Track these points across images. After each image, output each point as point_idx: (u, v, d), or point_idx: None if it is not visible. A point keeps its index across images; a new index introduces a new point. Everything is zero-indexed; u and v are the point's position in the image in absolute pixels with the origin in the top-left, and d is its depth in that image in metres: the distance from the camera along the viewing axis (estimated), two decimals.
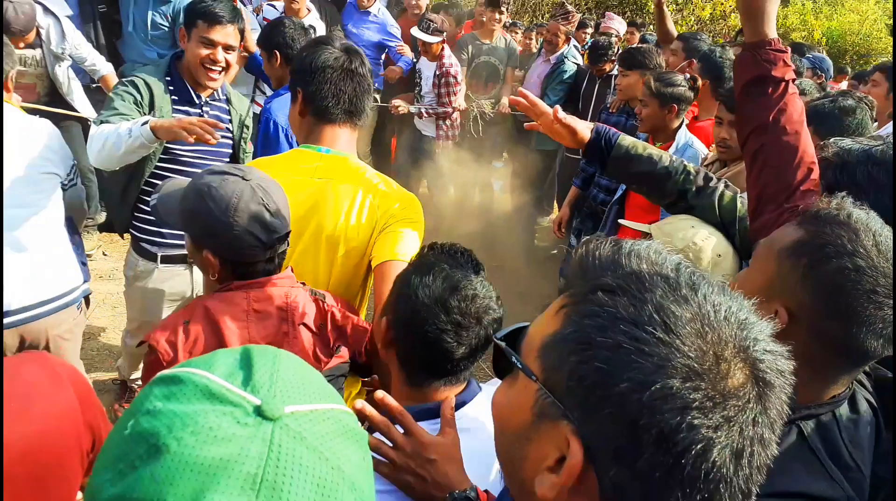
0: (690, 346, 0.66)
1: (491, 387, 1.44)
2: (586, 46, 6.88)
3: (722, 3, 11.44)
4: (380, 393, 1.26)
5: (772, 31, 1.60)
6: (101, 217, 5.16)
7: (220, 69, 2.80)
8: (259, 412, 0.64)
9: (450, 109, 5.54)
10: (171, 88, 2.85)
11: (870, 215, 1.17)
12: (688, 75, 3.78)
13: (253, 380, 0.67)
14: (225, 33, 2.75)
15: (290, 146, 3.01)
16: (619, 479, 0.67)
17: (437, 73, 5.48)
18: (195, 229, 1.67)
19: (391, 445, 1.22)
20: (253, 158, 3.05)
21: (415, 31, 5.45)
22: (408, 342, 1.36)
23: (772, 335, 0.71)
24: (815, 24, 12.70)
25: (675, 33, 4.99)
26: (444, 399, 1.35)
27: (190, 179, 1.73)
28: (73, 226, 2.88)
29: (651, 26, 10.79)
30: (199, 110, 2.90)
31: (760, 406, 0.67)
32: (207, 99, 2.94)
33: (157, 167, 2.87)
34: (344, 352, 1.73)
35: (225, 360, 0.70)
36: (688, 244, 1.85)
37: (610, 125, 4.62)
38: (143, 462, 0.62)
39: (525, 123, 2.08)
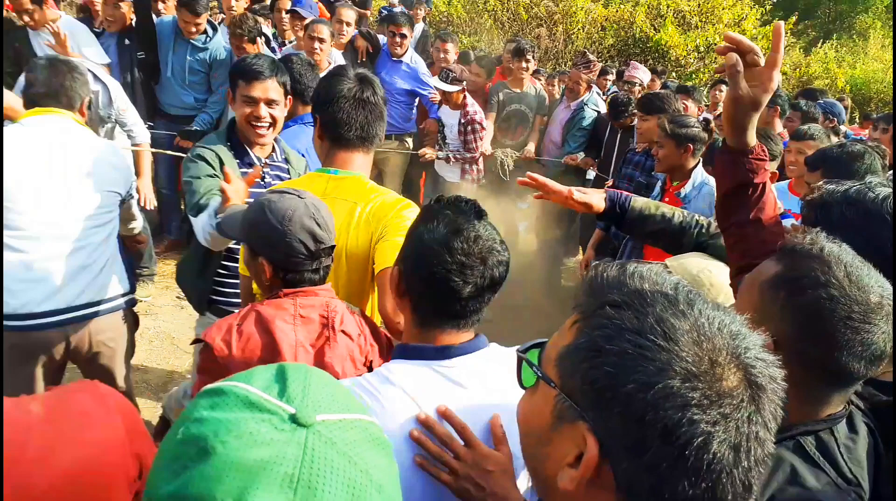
0: (688, 352, 0.74)
1: (503, 349, 1.51)
2: (609, 92, 7.01)
3: None
4: (442, 406, 1.35)
5: (753, 140, 1.65)
6: (155, 268, 5.32)
7: (267, 125, 2.72)
8: (294, 419, 0.73)
9: (476, 154, 5.64)
10: (232, 151, 2.78)
11: (842, 248, 1.26)
12: (701, 117, 3.88)
13: (288, 392, 0.76)
14: (264, 88, 2.68)
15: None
16: (631, 471, 0.75)
17: (463, 121, 5.56)
18: (254, 238, 1.87)
19: (453, 455, 1.32)
20: None
21: (434, 81, 5.58)
22: (418, 285, 1.44)
23: (763, 346, 0.80)
24: (838, 72, 12.76)
25: None
26: (450, 344, 1.43)
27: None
28: (122, 239, 3.09)
29: (674, 73, 10.95)
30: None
31: (754, 406, 0.75)
32: (266, 159, 2.84)
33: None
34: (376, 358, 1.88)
35: (262, 375, 0.79)
36: (701, 270, 1.93)
37: (632, 163, 4.78)
38: (194, 462, 0.71)
39: (533, 194, 2.18)
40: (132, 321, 3.10)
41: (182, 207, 5.87)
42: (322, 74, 4.66)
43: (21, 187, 2.64)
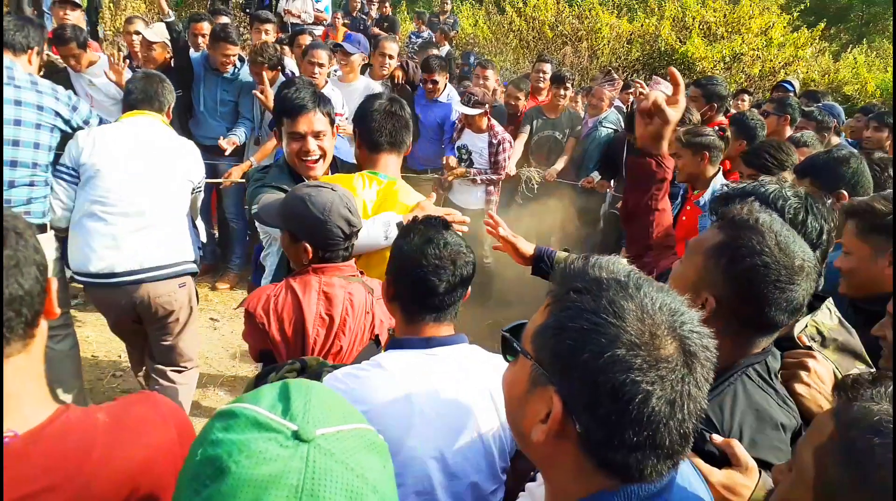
0: (633, 327, 0.91)
1: (484, 351, 1.79)
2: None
3: (770, 61, 11.49)
4: None
5: (665, 149, 2.08)
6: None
7: (317, 158, 2.72)
8: (296, 436, 0.83)
9: (502, 174, 5.64)
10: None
11: (772, 217, 1.48)
12: (716, 127, 3.94)
13: (291, 410, 0.86)
14: (309, 121, 2.68)
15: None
16: (588, 424, 0.92)
17: (494, 141, 5.53)
18: (296, 226, 2.18)
19: None
20: None
21: (458, 106, 5.58)
22: (402, 288, 1.76)
23: (701, 320, 0.96)
24: (868, 76, 12.57)
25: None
26: (433, 335, 1.73)
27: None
28: (192, 220, 3.65)
29: None
30: None
31: (687, 369, 0.91)
32: None
33: None
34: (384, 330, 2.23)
35: (268, 394, 0.90)
36: None
37: None
38: (212, 481, 0.82)
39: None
40: (192, 290, 3.56)
41: (247, 237, 6.06)
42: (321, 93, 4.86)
43: (113, 172, 3.24)
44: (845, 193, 2.57)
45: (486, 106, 5.44)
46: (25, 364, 1.04)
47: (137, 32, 5.64)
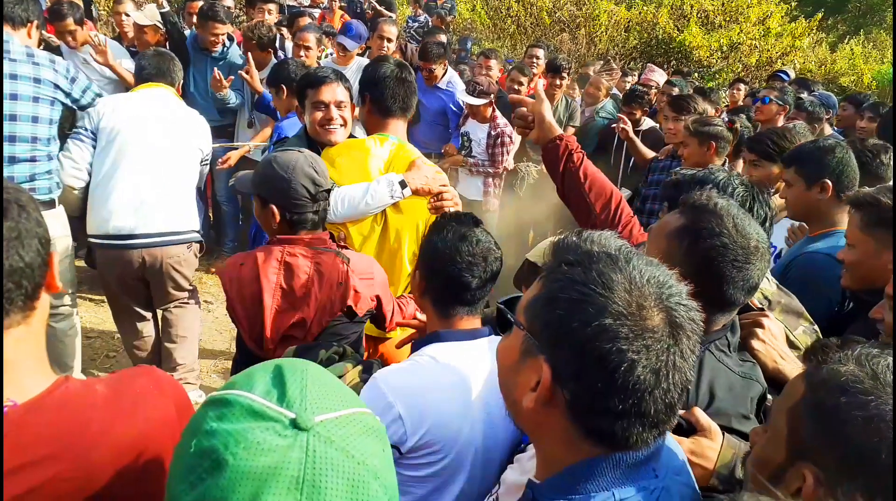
0: (620, 298, 0.94)
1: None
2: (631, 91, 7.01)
3: (768, 51, 11.46)
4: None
5: (558, 130, 2.31)
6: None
7: (339, 125, 2.85)
8: (295, 424, 0.80)
9: (500, 169, 5.50)
10: None
11: (729, 202, 1.57)
12: (725, 118, 3.92)
13: (287, 396, 0.83)
14: (332, 91, 2.82)
15: None
16: (576, 392, 0.95)
17: (493, 133, 5.34)
18: (264, 188, 2.21)
19: None
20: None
21: (462, 96, 5.49)
22: (436, 283, 1.82)
23: (689, 294, 1.01)
24: (864, 68, 12.55)
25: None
26: (471, 328, 1.80)
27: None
28: (200, 190, 3.85)
29: (696, 73, 10.91)
30: None
31: (672, 340, 0.94)
32: None
33: None
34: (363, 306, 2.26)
35: (262, 378, 0.87)
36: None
37: (657, 169, 4.77)
38: (209, 474, 0.79)
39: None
40: (197, 250, 3.74)
41: (240, 221, 6.01)
42: None
43: (131, 138, 3.42)
44: (829, 182, 2.57)
45: (491, 96, 5.30)
46: (25, 336, 1.05)
47: (128, 14, 5.55)
